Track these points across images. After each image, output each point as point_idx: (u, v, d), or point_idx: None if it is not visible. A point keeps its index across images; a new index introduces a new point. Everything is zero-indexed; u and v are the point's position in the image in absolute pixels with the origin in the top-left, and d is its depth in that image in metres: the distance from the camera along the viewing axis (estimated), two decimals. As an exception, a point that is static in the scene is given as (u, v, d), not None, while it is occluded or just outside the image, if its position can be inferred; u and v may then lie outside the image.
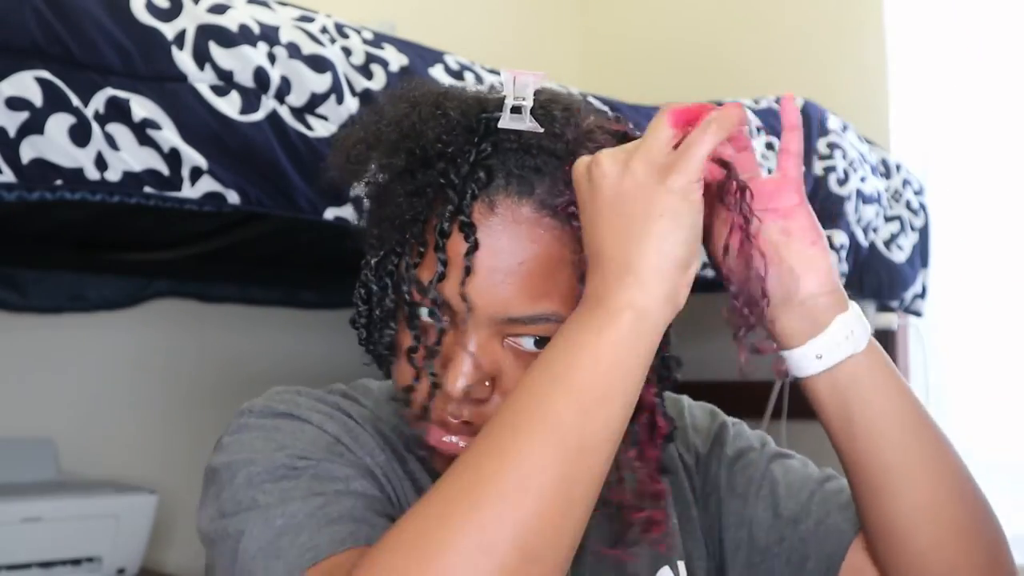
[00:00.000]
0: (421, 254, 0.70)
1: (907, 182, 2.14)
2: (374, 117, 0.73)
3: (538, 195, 0.69)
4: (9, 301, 1.99)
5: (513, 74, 0.71)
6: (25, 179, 1.02)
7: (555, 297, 0.69)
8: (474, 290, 0.68)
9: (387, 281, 0.72)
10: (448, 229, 0.68)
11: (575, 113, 0.73)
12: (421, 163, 0.69)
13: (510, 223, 0.68)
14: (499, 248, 0.68)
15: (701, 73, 2.65)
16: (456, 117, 0.70)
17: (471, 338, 0.69)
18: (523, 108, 0.70)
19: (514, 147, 0.69)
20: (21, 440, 1.98)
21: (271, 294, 2.36)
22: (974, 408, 2.11)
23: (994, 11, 2.16)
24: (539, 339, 0.70)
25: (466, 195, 0.68)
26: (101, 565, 1.80)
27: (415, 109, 0.71)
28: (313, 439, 0.72)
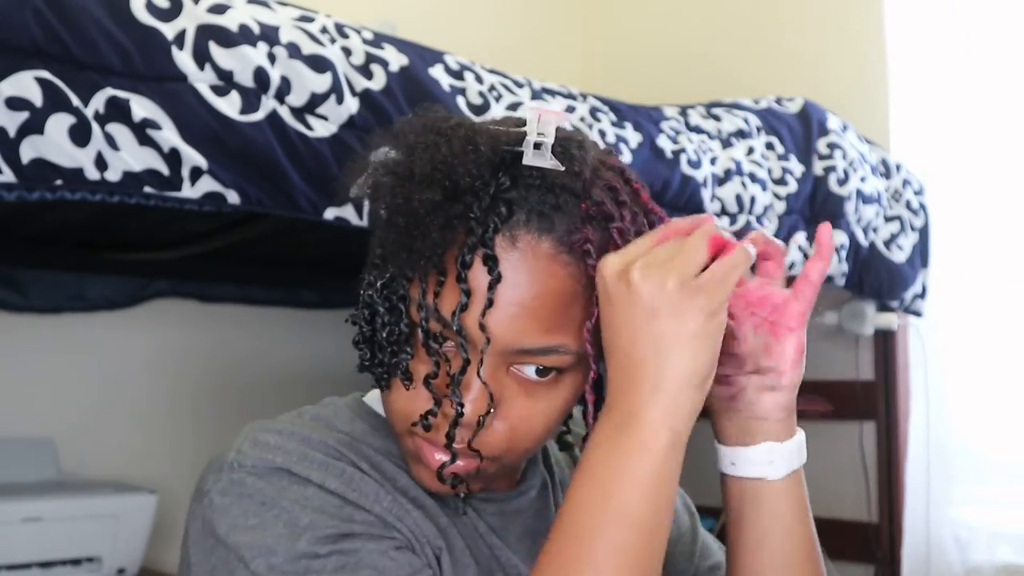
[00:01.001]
0: (441, 283, 0.71)
1: (907, 182, 2.14)
2: (405, 150, 0.74)
3: (557, 232, 0.71)
4: (9, 301, 1.99)
5: (538, 111, 0.72)
6: (25, 179, 1.02)
7: (566, 330, 0.72)
8: (492, 322, 0.70)
9: (400, 307, 0.73)
10: (470, 260, 0.70)
11: (586, 150, 0.75)
12: (451, 196, 0.70)
13: (530, 258, 0.70)
14: (518, 282, 0.70)
15: (701, 73, 2.65)
16: (486, 152, 0.71)
17: (482, 366, 0.71)
18: (544, 145, 0.72)
19: (536, 183, 0.71)
20: (21, 440, 1.98)
21: (271, 294, 2.36)
22: (974, 407, 2.11)
23: (994, 11, 2.16)
24: (541, 368, 0.73)
25: (489, 228, 0.70)
26: (101, 565, 1.80)
27: (447, 142, 0.72)
28: (320, 506, 0.72)
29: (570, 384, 0.74)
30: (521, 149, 0.72)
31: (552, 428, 0.76)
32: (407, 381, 0.74)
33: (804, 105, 2.00)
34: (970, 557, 2.08)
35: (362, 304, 0.77)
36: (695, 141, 1.74)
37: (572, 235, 0.71)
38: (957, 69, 2.18)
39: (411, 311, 0.73)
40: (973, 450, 2.10)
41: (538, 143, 0.72)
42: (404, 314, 0.73)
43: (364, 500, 0.73)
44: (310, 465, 0.74)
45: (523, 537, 0.83)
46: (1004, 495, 2.08)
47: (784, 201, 1.85)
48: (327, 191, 1.25)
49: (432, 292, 0.71)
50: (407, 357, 0.74)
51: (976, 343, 2.12)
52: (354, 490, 0.73)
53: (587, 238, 0.71)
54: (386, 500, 0.75)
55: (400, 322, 0.73)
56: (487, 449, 0.73)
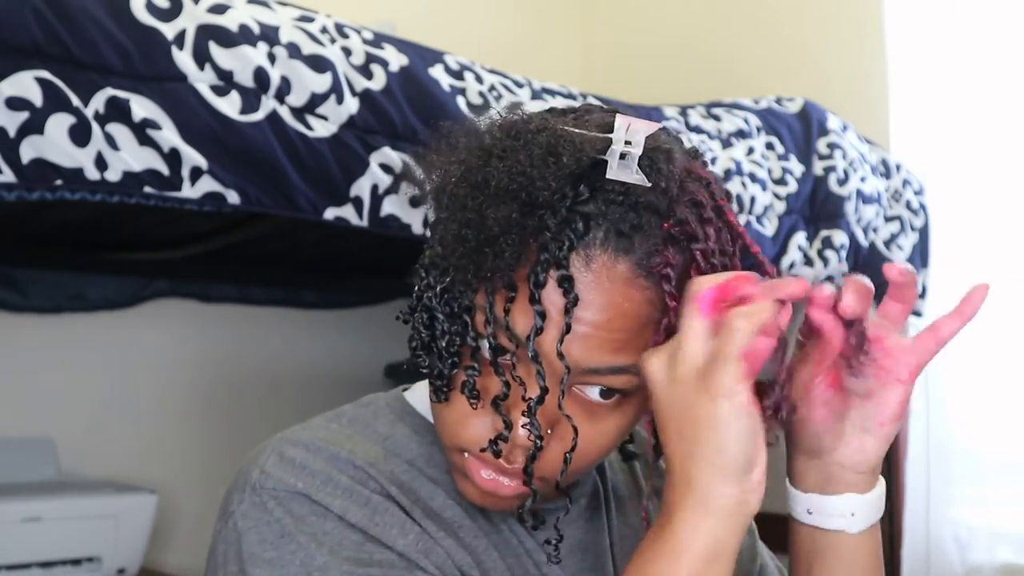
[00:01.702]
0: (512, 299, 0.66)
1: (907, 182, 2.14)
2: (480, 153, 0.68)
3: (636, 254, 0.65)
4: (9, 301, 1.99)
5: (627, 120, 0.66)
6: (25, 179, 1.02)
7: (636, 351, 0.67)
8: (570, 347, 0.65)
9: (464, 318, 0.68)
10: (544, 280, 0.64)
11: (674, 161, 0.68)
12: (528, 211, 0.65)
13: (604, 280, 0.65)
14: (590, 304, 0.65)
15: (701, 73, 2.65)
16: (570, 164, 0.65)
17: (551, 392, 0.67)
18: (630, 156, 0.65)
19: (619, 200, 0.65)
20: (21, 440, 1.98)
21: (271, 294, 2.36)
22: (974, 407, 2.11)
23: (994, 11, 2.16)
24: (604, 390, 0.68)
25: (563, 245, 0.64)
26: (101, 565, 1.80)
27: (526, 149, 0.66)
28: (339, 542, 0.68)
29: (632, 408, 0.70)
30: (604, 158, 0.65)
31: (608, 451, 0.72)
32: (474, 400, 0.68)
33: (804, 105, 2.00)
34: (970, 557, 2.08)
35: (420, 306, 0.71)
36: (695, 141, 1.74)
37: (652, 258, 0.66)
38: (957, 69, 2.17)
39: (476, 323, 0.68)
40: (973, 450, 2.10)
41: (624, 153, 0.65)
42: (469, 326, 0.68)
43: (387, 535, 0.70)
44: (333, 491, 0.70)
45: (573, 551, 0.79)
46: (1004, 495, 2.08)
47: (784, 201, 1.85)
48: (327, 191, 1.25)
49: (502, 307, 0.66)
50: (475, 373, 0.68)
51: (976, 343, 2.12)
52: (377, 523, 0.70)
53: (668, 262, 0.66)
54: (412, 533, 0.70)
55: (464, 334, 0.68)
56: (543, 472, 0.68)
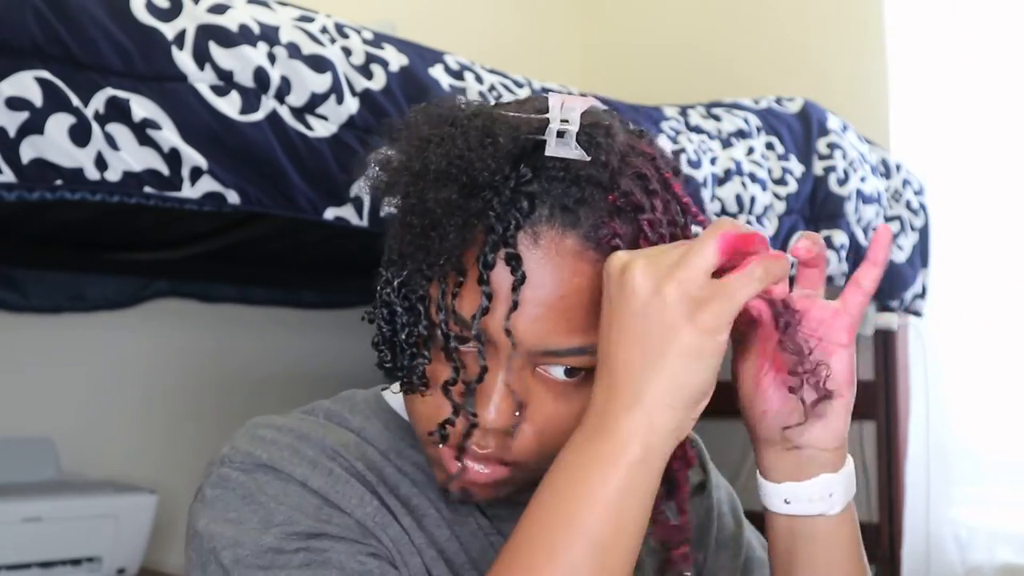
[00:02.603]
0: (460, 283, 0.67)
1: (907, 182, 2.14)
2: (416, 141, 0.69)
3: (583, 228, 0.66)
4: (9, 301, 1.99)
5: (561, 98, 0.67)
6: (25, 179, 1.02)
7: (593, 329, 0.66)
8: (515, 324, 0.66)
9: (419, 307, 0.69)
10: (492, 261, 0.65)
11: (613, 136, 0.70)
12: (469, 193, 0.66)
13: (553, 256, 0.66)
14: (542, 281, 0.65)
15: (701, 73, 2.65)
16: (506, 144, 0.66)
17: (503, 370, 0.67)
18: (568, 133, 0.66)
19: (560, 175, 0.66)
20: (21, 440, 1.98)
21: (271, 294, 2.36)
22: (974, 407, 2.11)
23: (994, 11, 2.16)
24: (569, 369, 0.68)
25: (510, 225, 0.65)
26: (101, 565, 1.80)
27: (463, 134, 0.67)
28: (298, 504, 0.70)
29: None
30: (543, 138, 0.67)
31: None
32: (423, 387, 0.70)
33: (804, 105, 2.00)
34: (970, 557, 2.08)
35: (380, 303, 0.73)
36: (695, 141, 1.74)
37: (599, 230, 0.66)
38: (957, 69, 2.17)
39: (431, 312, 0.69)
40: (973, 450, 2.10)
41: (561, 131, 0.66)
42: (423, 315, 0.69)
43: (346, 502, 0.71)
44: (297, 461, 0.72)
45: None
46: (1004, 495, 2.08)
47: (784, 201, 1.85)
48: (327, 191, 1.25)
49: (451, 294, 0.67)
50: (424, 361, 0.70)
51: (976, 343, 2.12)
52: (337, 491, 0.71)
53: (615, 232, 0.66)
54: (370, 506, 0.72)
55: (419, 324, 0.69)
56: (516, 455, 0.69)
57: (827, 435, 0.70)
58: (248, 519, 0.69)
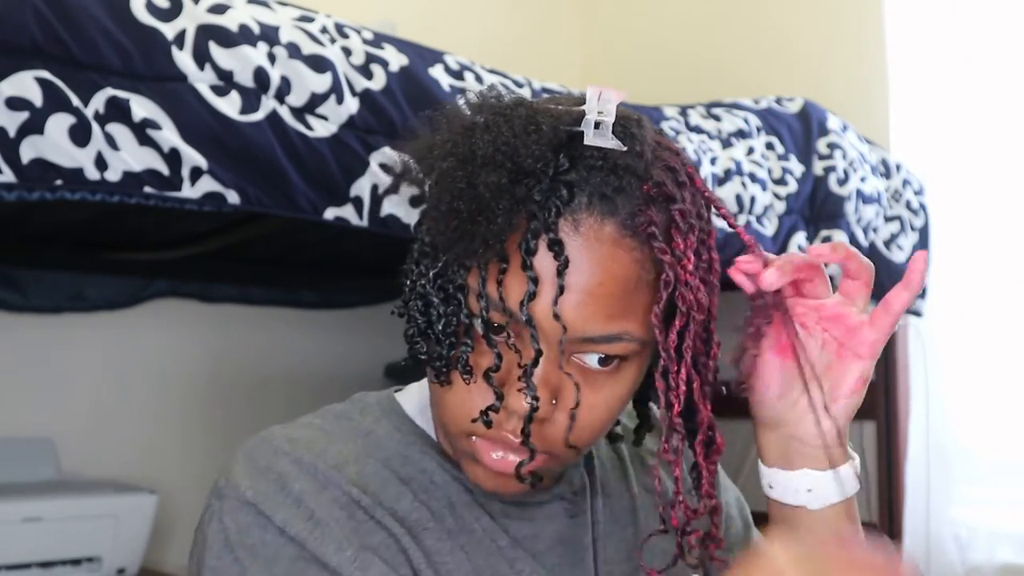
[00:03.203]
0: (503, 271, 0.67)
1: (907, 182, 2.14)
2: (460, 128, 0.70)
3: (620, 215, 0.68)
4: (9, 301, 1.99)
5: (598, 90, 0.69)
6: (25, 179, 1.02)
7: (630, 317, 0.68)
8: (562, 309, 0.67)
9: (458, 297, 0.70)
10: (535, 247, 0.66)
11: (645, 129, 0.72)
12: (515, 179, 0.67)
13: (593, 243, 0.67)
14: (582, 268, 0.67)
15: (701, 73, 2.65)
16: (548, 133, 0.67)
17: (547, 356, 0.68)
18: (604, 124, 0.69)
19: (598, 165, 0.68)
20: (21, 440, 1.98)
21: (271, 294, 2.36)
22: (974, 407, 2.11)
23: (994, 11, 2.16)
24: (603, 357, 0.70)
25: (551, 212, 0.66)
26: (101, 565, 1.80)
27: (507, 122, 0.68)
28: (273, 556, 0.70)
29: (631, 373, 0.71)
30: (581, 129, 0.68)
31: (613, 419, 0.73)
32: (467, 375, 0.70)
33: (804, 105, 2.00)
34: (970, 557, 2.08)
35: (414, 295, 0.73)
36: (695, 141, 1.74)
37: (636, 218, 0.68)
38: (957, 69, 2.17)
39: (469, 301, 0.69)
40: (973, 450, 2.10)
41: (598, 122, 0.69)
42: (463, 304, 0.69)
43: (323, 549, 0.70)
44: (280, 500, 0.72)
45: (553, 545, 0.79)
46: (1004, 495, 2.08)
47: (784, 201, 1.85)
48: (327, 191, 1.25)
49: (494, 281, 0.68)
50: (468, 349, 0.70)
51: (976, 343, 2.12)
52: (316, 537, 0.71)
53: (651, 220, 0.68)
54: (350, 550, 0.71)
55: (459, 313, 0.70)
56: (550, 444, 0.70)
57: (815, 433, 0.73)
58: (226, 571, 0.70)
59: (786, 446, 0.74)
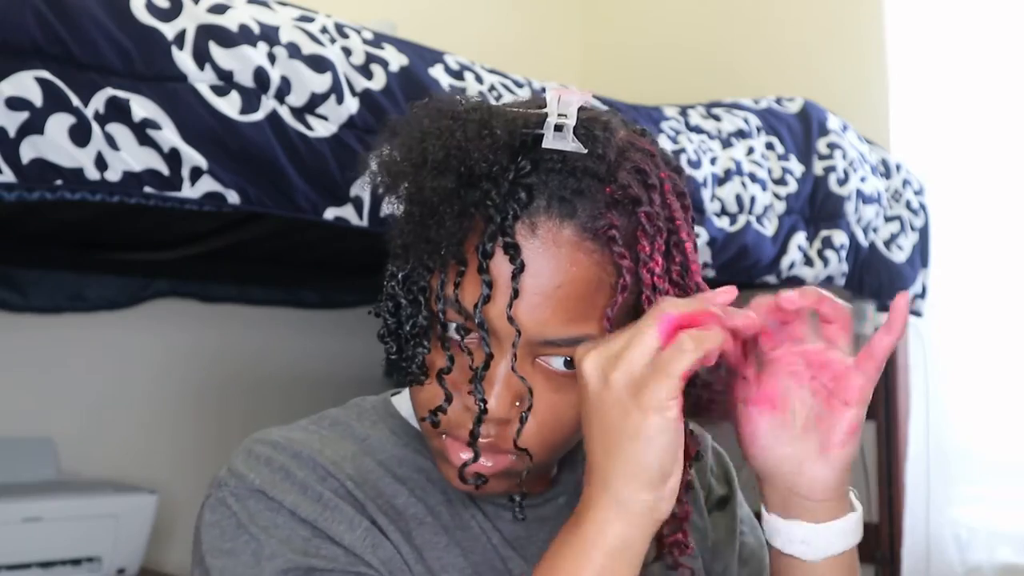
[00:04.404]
0: (461, 274, 0.68)
1: (907, 182, 2.14)
2: (416, 134, 0.70)
3: (580, 219, 0.67)
4: (9, 301, 1.99)
5: (558, 92, 0.69)
6: (25, 179, 1.02)
7: (591, 319, 0.68)
8: (514, 312, 0.67)
9: (420, 298, 0.70)
10: (491, 250, 0.66)
11: (612, 131, 0.71)
12: (467, 183, 0.67)
13: (551, 246, 0.67)
14: (539, 271, 0.67)
15: (701, 73, 2.65)
16: (503, 136, 0.67)
17: (505, 359, 0.68)
18: (565, 127, 0.68)
19: (557, 167, 0.68)
20: (21, 440, 1.98)
21: (271, 294, 2.36)
22: (974, 407, 2.11)
23: (994, 11, 2.16)
24: (568, 360, 0.69)
25: (508, 215, 0.66)
26: (101, 565, 1.80)
27: (461, 127, 0.68)
28: (288, 536, 0.71)
29: None
30: (541, 132, 0.68)
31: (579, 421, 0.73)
32: (422, 376, 0.71)
33: (804, 105, 2.00)
34: (970, 557, 2.08)
35: (385, 296, 0.74)
36: (695, 141, 1.74)
37: (596, 221, 0.67)
38: (957, 69, 2.18)
39: (431, 303, 0.70)
40: (973, 450, 2.10)
41: (559, 125, 0.68)
42: (424, 306, 0.70)
43: (335, 528, 0.71)
44: (289, 487, 0.72)
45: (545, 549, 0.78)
46: (1004, 495, 2.08)
47: (784, 201, 1.85)
48: (327, 191, 1.25)
49: (452, 283, 0.68)
50: (423, 351, 0.71)
51: (976, 343, 2.12)
52: (326, 518, 0.72)
53: (612, 224, 0.67)
54: (359, 529, 0.72)
55: (419, 314, 0.71)
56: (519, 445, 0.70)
57: (813, 485, 0.71)
58: (241, 551, 0.71)
59: (783, 497, 0.73)
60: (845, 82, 2.38)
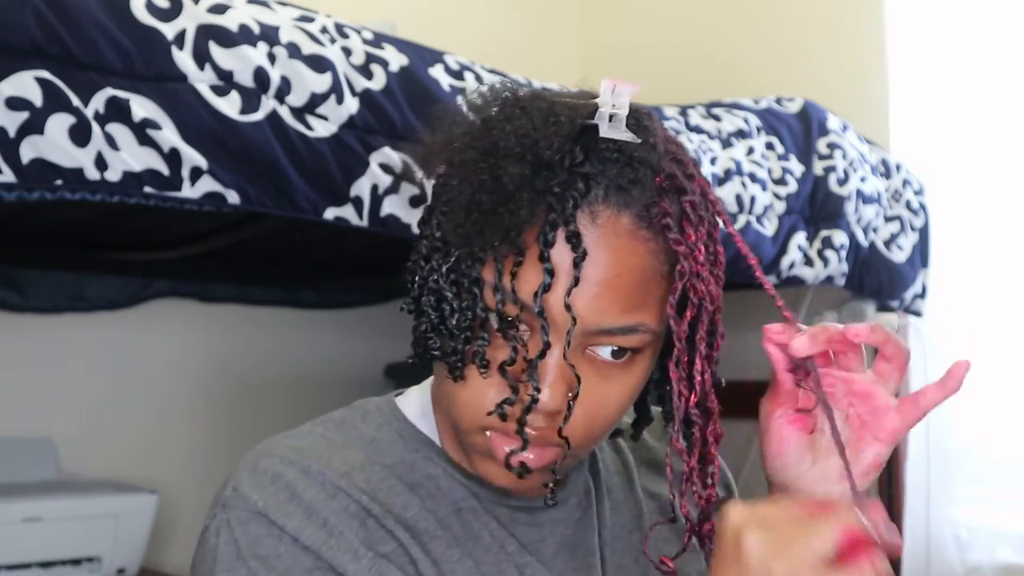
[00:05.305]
0: (519, 263, 0.67)
1: (907, 182, 2.14)
2: (482, 123, 0.70)
3: (636, 207, 0.68)
4: (9, 301, 1.99)
5: (612, 82, 0.69)
6: (25, 179, 1.02)
7: (646, 309, 0.69)
8: (574, 301, 0.67)
9: (473, 290, 0.69)
10: (553, 239, 0.66)
11: (655, 122, 0.72)
12: (536, 171, 0.67)
13: (610, 235, 0.67)
14: (599, 259, 0.67)
15: (702, 73, 2.65)
16: (567, 125, 0.68)
17: (559, 348, 0.68)
18: (618, 117, 0.69)
19: (614, 157, 0.68)
20: (21, 440, 1.98)
21: (271, 294, 2.36)
22: (974, 407, 2.11)
23: (994, 11, 2.16)
24: (616, 349, 0.70)
25: (569, 203, 0.66)
26: (101, 565, 1.80)
27: (527, 115, 0.69)
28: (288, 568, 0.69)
29: (644, 365, 0.72)
30: (595, 122, 0.69)
31: (624, 412, 0.73)
32: (483, 369, 0.69)
33: (804, 105, 2.00)
34: (970, 557, 2.08)
35: (426, 291, 0.72)
36: (695, 141, 1.74)
37: (650, 209, 0.68)
38: (957, 69, 2.17)
39: (484, 294, 0.69)
40: (973, 450, 2.10)
41: (612, 115, 0.69)
42: (479, 298, 0.69)
43: (339, 559, 0.70)
44: (293, 510, 0.71)
45: (560, 551, 0.78)
46: (1004, 495, 2.08)
47: (784, 201, 1.85)
48: (327, 191, 1.25)
49: (509, 273, 0.67)
50: (484, 344, 0.69)
51: (976, 343, 2.12)
52: (331, 546, 0.70)
53: (666, 212, 0.68)
54: (364, 559, 0.70)
55: (474, 307, 0.69)
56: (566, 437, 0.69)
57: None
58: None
59: None
60: (845, 82, 2.38)
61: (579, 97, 0.72)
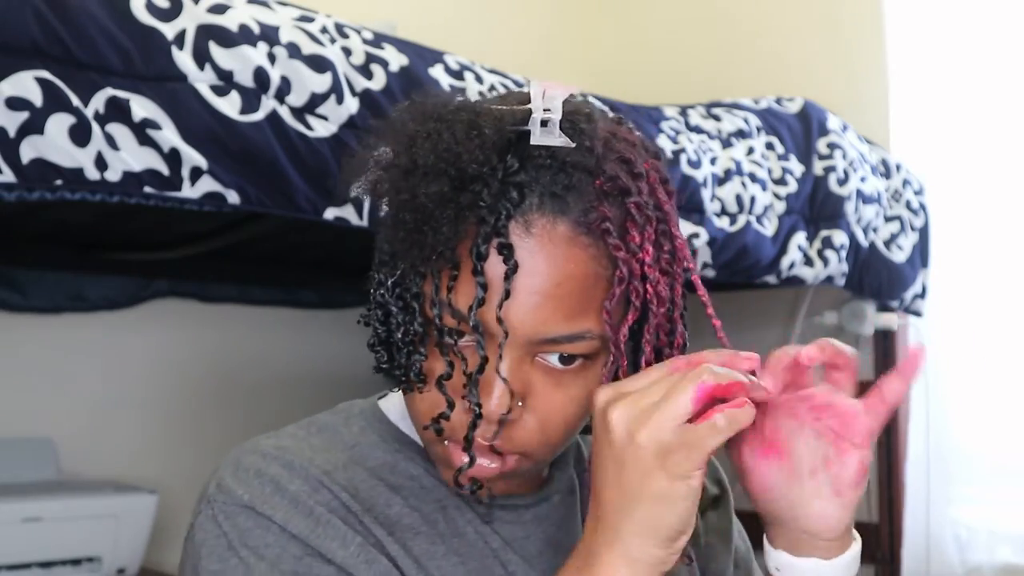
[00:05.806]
0: (454, 277, 0.67)
1: (907, 182, 2.14)
2: (404, 139, 0.69)
3: (573, 214, 0.67)
4: (9, 301, 1.99)
5: (542, 86, 0.68)
6: (25, 179, 1.02)
7: (590, 315, 0.68)
8: (512, 313, 0.66)
9: (413, 305, 0.69)
10: (485, 252, 0.66)
11: (595, 122, 0.71)
12: (459, 186, 0.66)
13: (547, 243, 0.66)
14: (536, 269, 0.66)
15: (701, 73, 2.65)
16: (491, 136, 0.66)
17: (504, 360, 0.68)
18: (551, 121, 0.67)
19: (547, 163, 0.67)
20: (21, 440, 1.98)
21: (271, 294, 2.36)
22: (974, 408, 2.11)
23: (994, 11, 2.16)
24: (564, 356, 0.69)
25: (501, 215, 0.66)
26: (101, 565, 1.80)
27: (448, 128, 0.67)
28: (278, 556, 0.69)
29: (598, 369, 0.71)
30: (527, 128, 0.67)
31: (583, 417, 0.72)
32: (420, 383, 0.71)
33: (804, 105, 2.00)
34: (970, 557, 2.08)
35: (374, 304, 0.74)
36: (695, 141, 1.74)
37: (588, 215, 0.67)
38: (957, 69, 2.17)
39: (425, 308, 0.69)
40: (973, 450, 2.10)
41: (545, 120, 0.67)
42: (418, 312, 0.69)
43: (327, 545, 0.70)
44: (279, 502, 0.71)
45: (545, 549, 0.79)
46: (1004, 495, 2.08)
47: (784, 201, 1.85)
48: (327, 191, 1.25)
49: (445, 287, 0.67)
50: (420, 358, 0.70)
51: (976, 343, 2.12)
52: (318, 534, 0.70)
53: (605, 216, 0.67)
54: (353, 545, 0.71)
55: (414, 321, 0.70)
56: (521, 445, 0.70)
57: (825, 525, 0.71)
58: (231, 573, 0.70)
59: (795, 536, 0.73)
60: (845, 82, 2.38)
61: (516, 101, 0.70)
